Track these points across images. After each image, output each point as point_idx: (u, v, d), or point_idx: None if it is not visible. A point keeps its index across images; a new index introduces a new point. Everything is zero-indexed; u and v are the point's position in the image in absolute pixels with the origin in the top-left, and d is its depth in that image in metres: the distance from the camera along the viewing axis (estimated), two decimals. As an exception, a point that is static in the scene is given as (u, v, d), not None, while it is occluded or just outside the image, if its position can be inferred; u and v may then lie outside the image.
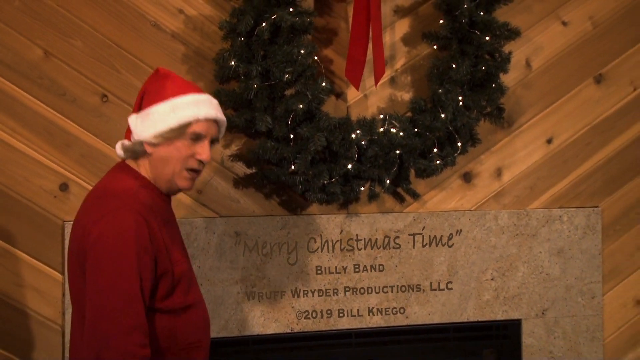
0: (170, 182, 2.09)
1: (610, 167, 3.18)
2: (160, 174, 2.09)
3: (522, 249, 3.05)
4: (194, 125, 2.05)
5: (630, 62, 3.18)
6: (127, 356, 1.91)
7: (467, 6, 2.79)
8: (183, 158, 2.06)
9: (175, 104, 2.07)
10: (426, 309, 2.98)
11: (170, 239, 2.10)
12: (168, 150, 2.06)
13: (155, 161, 2.08)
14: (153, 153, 2.07)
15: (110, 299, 1.94)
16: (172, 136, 2.05)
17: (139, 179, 2.09)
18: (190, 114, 2.05)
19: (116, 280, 1.95)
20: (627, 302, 3.20)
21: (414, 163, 2.86)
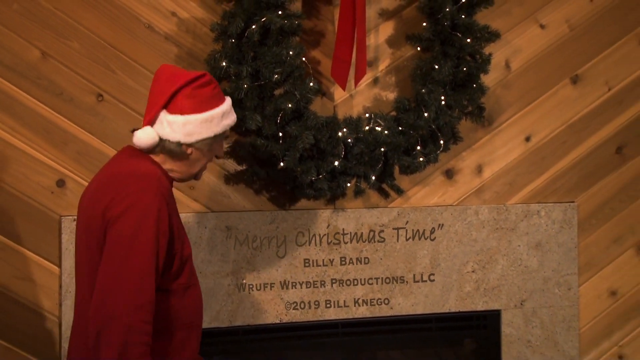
0: (195, 175, 2.19)
1: (585, 164, 3.19)
2: (189, 170, 2.16)
3: (501, 242, 3.07)
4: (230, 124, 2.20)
5: (605, 63, 3.19)
6: (132, 331, 1.93)
7: (449, 9, 2.81)
8: (210, 156, 2.18)
9: (222, 111, 2.14)
10: (410, 300, 2.99)
11: (177, 224, 2.15)
12: (206, 152, 2.16)
13: (191, 161, 2.15)
14: (192, 153, 2.13)
15: (125, 274, 1.98)
16: (215, 141, 2.15)
17: (156, 165, 2.13)
18: (230, 122, 2.17)
19: (133, 257, 1.98)
20: (601, 293, 3.22)
21: (398, 160, 2.87)
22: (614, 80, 3.21)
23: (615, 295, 3.23)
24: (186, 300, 2.15)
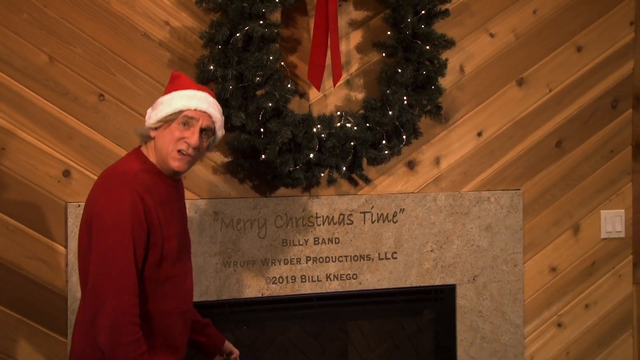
0: (165, 162, 2.12)
1: (530, 156, 3.21)
2: (159, 155, 2.13)
3: (456, 225, 3.10)
4: (186, 112, 2.11)
5: (547, 67, 3.21)
6: (119, 313, 1.96)
7: (410, 20, 2.83)
8: (175, 140, 2.10)
9: (175, 95, 2.14)
10: (376, 276, 3.02)
11: (165, 217, 2.12)
12: (165, 133, 2.12)
13: (156, 143, 2.14)
14: (156, 137, 2.13)
15: (109, 263, 2.01)
16: (169, 119, 2.11)
17: (144, 163, 2.14)
18: (184, 103, 2.11)
19: (114, 247, 1.99)
20: (543, 269, 3.25)
21: (366, 153, 2.89)
22: (554, 82, 3.23)
23: (555, 271, 3.26)
24: (173, 288, 2.16)
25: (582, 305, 3.32)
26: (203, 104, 2.14)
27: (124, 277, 1.99)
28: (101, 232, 2.02)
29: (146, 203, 2.05)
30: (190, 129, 2.11)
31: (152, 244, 2.04)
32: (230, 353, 2.47)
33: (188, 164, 2.14)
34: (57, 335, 2.64)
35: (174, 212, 2.18)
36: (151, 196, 2.07)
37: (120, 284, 1.96)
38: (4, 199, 2.59)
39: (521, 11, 3.17)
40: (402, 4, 2.84)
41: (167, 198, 2.15)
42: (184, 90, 2.16)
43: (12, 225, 2.60)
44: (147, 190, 2.07)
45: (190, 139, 2.10)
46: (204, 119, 2.13)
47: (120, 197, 2.02)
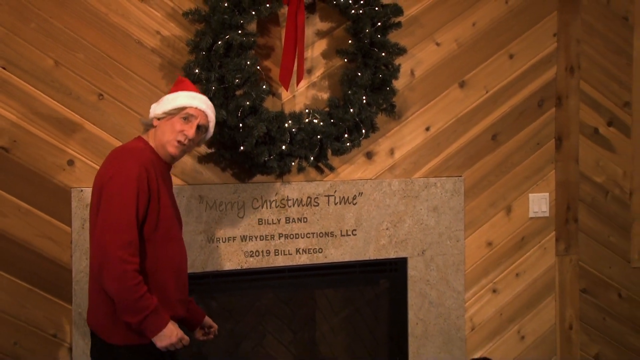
0: (164, 147, 2.23)
1: (469, 148, 3.25)
2: (160, 141, 2.23)
3: (408, 207, 3.13)
4: (188, 109, 2.23)
5: (484, 72, 3.24)
6: (121, 262, 2.04)
7: (368, 31, 2.86)
8: (175, 131, 2.22)
9: (179, 94, 2.26)
10: (339, 251, 3.05)
11: (163, 189, 2.22)
12: (167, 124, 2.23)
13: (158, 131, 2.24)
14: (158, 125, 2.24)
15: (114, 222, 2.07)
16: (173, 113, 2.22)
17: (147, 144, 2.25)
18: (187, 101, 2.24)
19: (120, 207, 2.09)
20: (481, 244, 3.29)
21: (331, 145, 2.92)
22: (490, 85, 3.26)
23: (491, 245, 3.31)
24: (168, 249, 2.22)
25: (514, 274, 3.36)
26: (203, 105, 2.27)
27: (127, 233, 2.07)
28: (109, 195, 2.11)
29: (150, 174, 2.14)
30: (189, 124, 2.23)
31: (151, 209, 2.15)
32: (210, 327, 2.52)
33: (182, 152, 2.25)
34: (63, 302, 2.67)
35: (169, 188, 2.28)
36: (154, 169, 2.18)
37: (123, 239, 2.06)
38: (16, 185, 2.60)
39: (463, 24, 3.20)
40: (362, 17, 2.86)
41: (164, 175, 2.26)
42: (189, 91, 2.28)
43: (24, 208, 2.61)
44: (151, 164, 2.18)
45: (189, 131, 2.22)
46: (201, 117, 2.26)
47: (128, 167, 2.12)
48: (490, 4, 3.24)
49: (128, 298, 2.05)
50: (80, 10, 2.66)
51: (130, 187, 2.09)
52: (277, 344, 3.27)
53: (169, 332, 2.10)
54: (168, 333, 2.10)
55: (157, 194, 2.17)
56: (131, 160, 2.14)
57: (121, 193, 2.09)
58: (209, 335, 2.54)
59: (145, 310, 2.07)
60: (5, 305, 2.60)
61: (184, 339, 2.15)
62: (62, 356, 2.67)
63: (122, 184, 2.10)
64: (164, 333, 2.10)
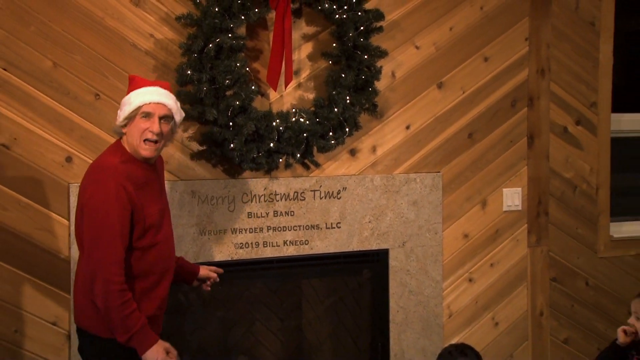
0: (137, 152, 2.16)
1: (447, 145, 3.27)
2: (131, 146, 2.17)
3: (389, 201, 3.15)
4: (144, 107, 2.14)
5: (461, 74, 3.27)
6: (109, 282, 2.05)
7: (351, 35, 2.88)
8: (140, 132, 2.14)
9: (132, 95, 2.17)
10: (324, 242, 3.06)
11: (145, 197, 2.16)
12: (131, 128, 2.16)
13: (127, 137, 2.18)
14: (126, 132, 2.18)
15: (98, 242, 2.06)
16: (132, 116, 2.15)
17: (123, 154, 2.17)
18: (140, 100, 2.14)
19: (102, 229, 2.07)
20: (457, 236, 3.32)
21: (316, 142, 2.93)
22: (466, 86, 3.28)
23: (467, 237, 3.33)
24: (154, 253, 2.21)
25: (488, 264, 3.38)
26: (156, 97, 2.15)
27: (112, 254, 2.06)
28: (91, 217, 2.08)
29: (127, 189, 2.10)
30: (150, 119, 2.14)
31: (136, 221, 2.13)
32: (208, 278, 2.52)
33: (156, 150, 2.18)
34: (62, 292, 2.68)
35: (154, 190, 2.22)
36: (131, 183, 2.12)
37: (109, 260, 2.06)
38: (17, 180, 2.61)
39: (440, 28, 3.21)
40: (345, 21, 2.88)
41: (145, 181, 2.19)
42: (139, 89, 2.18)
43: (24, 202, 2.62)
44: (128, 178, 2.12)
45: (152, 127, 2.14)
46: (160, 109, 2.15)
47: (105, 188, 2.07)
48: (466, 10, 3.26)
49: (114, 317, 2.06)
50: (78, 14, 2.66)
51: (109, 208, 2.07)
52: (265, 331, 3.30)
53: (152, 355, 2.10)
54: (152, 356, 2.10)
55: (140, 206, 2.14)
56: (107, 181, 2.09)
57: (100, 214, 2.07)
58: (205, 285, 2.54)
59: (131, 329, 2.08)
60: (6, 294, 2.61)
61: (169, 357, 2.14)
62: (61, 343, 2.69)
63: (102, 205, 2.07)
64: (147, 355, 2.10)
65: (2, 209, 2.59)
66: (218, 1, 2.68)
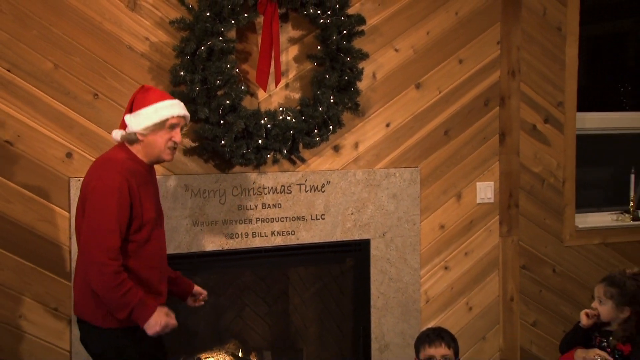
0: (158, 157, 2.23)
1: (425, 142, 3.28)
2: (151, 153, 2.22)
3: (370, 194, 3.16)
4: (170, 120, 2.20)
5: (437, 75, 3.27)
6: (104, 266, 2.07)
7: (335, 38, 2.89)
8: (166, 141, 2.21)
9: (157, 107, 2.20)
10: (310, 233, 3.07)
11: (145, 195, 2.20)
12: (154, 138, 2.20)
13: (145, 145, 2.21)
14: (144, 140, 2.20)
15: (96, 226, 2.09)
16: (156, 129, 2.18)
17: (129, 153, 2.21)
18: (168, 113, 2.20)
19: (101, 215, 2.09)
20: (434, 227, 3.33)
21: (302, 139, 2.94)
22: (442, 86, 3.30)
23: (443, 228, 3.35)
24: (148, 248, 2.23)
25: (463, 253, 3.40)
26: (182, 111, 2.25)
27: (108, 241, 2.08)
28: (92, 204, 2.11)
29: (130, 183, 2.13)
30: (175, 130, 2.22)
31: (135, 215, 2.16)
32: (200, 294, 2.55)
33: (174, 154, 2.28)
34: (63, 280, 2.69)
35: (151, 191, 2.26)
36: (134, 179, 2.16)
37: (104, 246, 2.08)
38: (20, 175, 2.62)
39: (418, 32, 3.22)
40: (329, 26, 2.89)
41: (145, 181, 2.23)
42: (164, 101, 2.22)
43: (27, 195, 2.64)
44: (132, 174, 2.15)
45: (176, 137, 2.23)
46: (181, 121, 2.26)
47: (110, 178, 2.11)
48: (442, 16, 3.27)
49: (112, 297, 2.09)
50: (77, 18, 2.67)
51: (111, 198, 2.09)
52: (254, 316, 3.35)
53: (153, 322, 2.13)
54: (153, 322, 2.13)
55: (139, 201, 2.16)
56: (113, 172, 2.12)
57: (103, 203, 2.09)
58: (198, 301, 2.55)
59: (129, 305, 2.10)
60: (11, 282, 2.63)
61: (169, 325, 2.17)
62: (62, 328, 2.70)
63: (104, 195, 2.09)
64: (149, 323, 2.13)
65: (7, 201, 2.61)
66: (209, 6, 2.70)
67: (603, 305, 2.46)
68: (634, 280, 2.46)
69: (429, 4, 3.25)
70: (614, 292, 2.44)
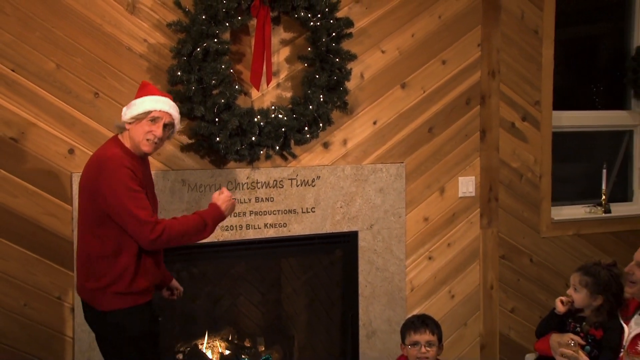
0: (138, 147, 2.23)
1: (410, 138, 3.28)
2: (133, 142, 2.24)
3: (358, 188, 3.16)
4: (153, 113, 2.21)
5: (421, 75, 3.28)
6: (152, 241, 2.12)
7: (324, 40, 2.90)
8: (145, 132, 2.21)
9: (144, 99, 2.24)
10: (301, 225, 3.07)
11: (143, 185, 2.22)
12: (137, 127, 2.22)
13: (130, 133, 2.24)
14: (130, 129, 2.23)
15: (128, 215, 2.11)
16: (140, 118, 2.21)
17: (122, 148, 2.23)
18: (152, 106, 2.22)
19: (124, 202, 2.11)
20: (418, 219, 3.34)
21: (293, 136, 2.94)
22: (426, 86, 3.30)
23: (427, 221, 3.36)
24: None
25: (446, 244, 3.41)
26: (166, 106, 2.25)
27: (141, 213, 2.12)
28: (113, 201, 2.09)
29: (134, 171, 2.17)
30: (156, 124, 2.22)
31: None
32: (176, 288, 2.54)
33: (154, 148, 2.26)
34: (66, 270, 2.70)
35: (146, 182, 2.30)
36: (134, 169, 2.19)
37: (142, 220, 2.10)
38: (25, 170, 2.63)
39: (403, 35, 3.22)
40: (319, 28, 2.89)
41: (143, 172, 2.27)
42: (153, 96, 2.24)
43: (31, 190, 2.65)
44: (132, 166, 2.19)
45: (156, 131, 2.22)
46: (166, 117, 2.24)
47: (115, 170, 2.13)
48: (426, 19, 3.28)
49: (188, 238, 2.20)
50: (78, 20, 2.67)
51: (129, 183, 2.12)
52: (248, 304, 3.37)
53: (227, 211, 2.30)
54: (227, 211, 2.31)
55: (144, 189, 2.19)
56: (120, 166, 2.14)
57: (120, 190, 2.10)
58: (173, 296, 2.55)
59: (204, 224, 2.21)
60: (16, 272, 2.64)
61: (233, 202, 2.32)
62: (65, 315, 2.71)
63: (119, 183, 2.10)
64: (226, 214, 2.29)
65: (12, 196, 2.62)
66: (205, 9, 2.70)
67: (578, 293, 2.47)
68: (607, 270, 2.46)
69: (414, 8, 3.26)
70: (589, 281, 2.45)
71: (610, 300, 2.44)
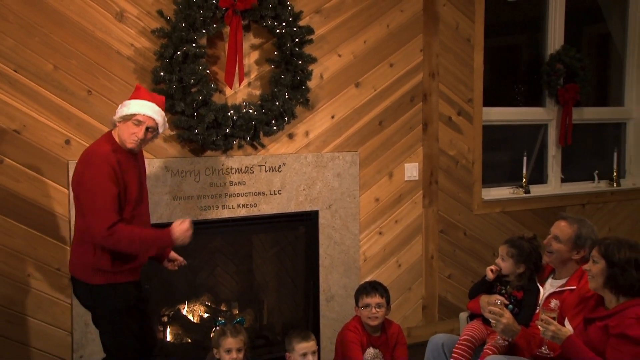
0: (124, 144, 2.24)
1: (363, 130, 3.35)
2: (120, 138, 2.24)
3: (319, 174, 3.22)
4: (137, 116, 2.20)
5: (373, 76, 3.35)
6: (106, 237, 2.10)
7: (289, 45, 2.95)
8: (129, 132, 2.21)
9: (132, 103, 2.24)
10: (269, 205, 3.10)
11: (127, 178, 2.22)
12: (124, 126, 2.23)
13: (119, 131, 2.25)
14: (119, 127, 2.25)
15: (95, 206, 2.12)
16: (126, 119, 2.22)
17: (113, 144, 2.22)
18: (137, 109, 2.21)
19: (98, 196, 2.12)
20: (371, 200, 3.41)
21: (262, 128, 2.97)
22: (377, 85, 3.38)
23: (378, 201, 3.43)
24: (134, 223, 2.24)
25: (394, 221, 3.50)
26: (150, 112, 2.21)
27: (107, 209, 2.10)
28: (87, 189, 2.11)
29: (115, 169, 2.17)
30: (139, 127, 2.21)
31: (121, 195, 2.19)
32: (176, 259, 2.53)
33: (138, 146, 2.25)
34: (64, 245, 2.74)
35: (134, 175, 2.28)
36: (119, 167, 2.19)
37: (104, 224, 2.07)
38: (26, 158, 2.64)
39: (357, 42, 3.29)
40: (284, 35, 2.94)
41: (128, 167, 2.25)
42: (140, 100, 2.23)
43: (32, 175, 2.67)
44: (117, 163, 2.19)
45: (138, 134, 2.21)
46: (149, 121, 2.22)
47: (100, 167, 2.14)
48: (376, 28, 3.35)
49: (134, 251, 2.15)
50: (73, 28, 2.68)
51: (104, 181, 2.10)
52: (224, 274, 3.43)
53: (180, 238, 2.19)
54: (179, 239, 2.19)
55: (124, 184, 2.19)
56: (102, 163, 2.13)
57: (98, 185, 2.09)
58: (175, 266, 2.55)
59: (150, 244, 2.17)
60: (20, 247, 2.67)
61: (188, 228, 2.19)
62: (64, 284, 2.74)
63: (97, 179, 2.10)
64: (176, 240, 2.18)
65: (15, 180, 2.64)
66: (185, 18, 2.73)
67: (505, 262, 2.52)
68: (529, 243, 2.53)
69: (365, 18, 3.32)
70: (514, 252, 2.50)
71: (531, 268, 2.53)
